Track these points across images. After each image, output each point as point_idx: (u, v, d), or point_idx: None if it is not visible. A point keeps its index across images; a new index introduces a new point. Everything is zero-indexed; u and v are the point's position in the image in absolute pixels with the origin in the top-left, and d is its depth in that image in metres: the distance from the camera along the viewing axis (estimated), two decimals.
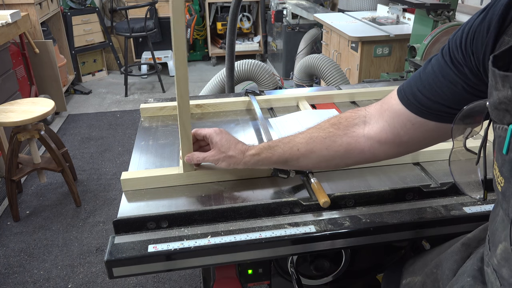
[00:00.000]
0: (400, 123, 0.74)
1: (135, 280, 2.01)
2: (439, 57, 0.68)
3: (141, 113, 1.36)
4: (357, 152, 0.81)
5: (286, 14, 4.27)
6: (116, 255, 0.79)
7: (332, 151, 0.82)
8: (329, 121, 0.85)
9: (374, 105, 0.82)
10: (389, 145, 0.78)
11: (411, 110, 0.71)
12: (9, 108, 2.36)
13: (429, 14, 2.42)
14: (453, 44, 0.64)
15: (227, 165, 0.91)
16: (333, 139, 0.82)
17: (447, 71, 0.66)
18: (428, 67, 0.69)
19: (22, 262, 2.13)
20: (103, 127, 3.63)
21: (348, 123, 0.82)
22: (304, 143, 0.85)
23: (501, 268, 0.56)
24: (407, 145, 0.77)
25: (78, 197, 2.55)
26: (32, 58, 3.50)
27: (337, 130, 0.83)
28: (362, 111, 0.83)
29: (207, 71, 5.13)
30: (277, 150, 0.87)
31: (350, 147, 0.81)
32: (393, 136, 0.76)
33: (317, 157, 0.84)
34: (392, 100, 0.76)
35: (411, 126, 0.73)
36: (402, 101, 0.73)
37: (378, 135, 0.78)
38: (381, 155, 0.80)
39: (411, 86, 0.71)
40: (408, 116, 0.72)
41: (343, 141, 0.81)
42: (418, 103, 0.70)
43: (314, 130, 0.86)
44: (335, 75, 2.33)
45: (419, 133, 0.73)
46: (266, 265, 1.04)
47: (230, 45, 1.70)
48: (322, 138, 0.83)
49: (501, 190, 0.53)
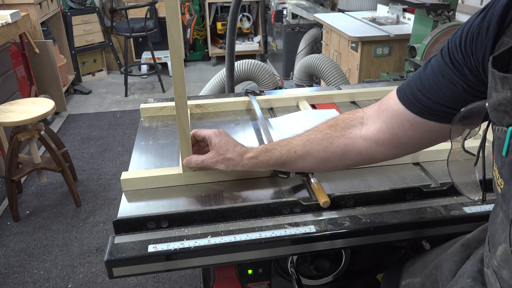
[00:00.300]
0: (398, 123, 0.74)
1: (135, 280, 2.01)
2: (438, 58, 0.68)
3: (141, 113, 1.36)
4: (354, 153, 0.81)
5: (286, 14, 4.27)
6: (116, 255, 0.79)
7: (329, 152, 0.83)
8: (326, 123, 0.86)
9: (372, 106, 0.82)
10: (386, 146, 0.78)
11: (411, 110, 0.71)
12: (9, 108, 2.36)
13: (429, 14, 2.42)
14: (453, 44, 0.64)
15: (225, 167, 0.91)
16: (330, 140, 0.82)
17: (447, 71, 0.65)
18: (428, 68, 0.69)
19: (22, 262, 2.13)
20: (103, 127, 3.63)
21: (345, 125, 0.83)
22: (301, 145, 0.85)
23: (501, 269, 0.55)
24: (404, 146, 0.77)
25: (78, 197, 2.55)
26: (32, 58, 3.50)
27: (334, 131, 0.83)
28: (360, 113, 0.83)
29: (207, 71, 5.13)
30: (275, 153, 0.87)
31: (347, 148, 0.81)
32: (391, 136, 0.76)
33: (314, 159, 0.84)
34: (391, 100, 0.76)
35: (409, 126, 0.72)
36: (402, 101, 0.72)
37: (376, 136, 0.78)
38: (378, 156, 0.80)
39: (411, 86, 0.71)
40: (407, 116, 0.72)
41: (340, 142, 0.82)
42: (418, 103, 0.69)
43: (311, 132, 0.86)
44: (335, 75, 2.33)
45: (418, 133, 0.72)
46: (266, 265, 1.04)
47: (230, 45, 1.70)
48: (319, 140, 0.83)
49: (501, 192, 0.52)
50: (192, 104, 1.37)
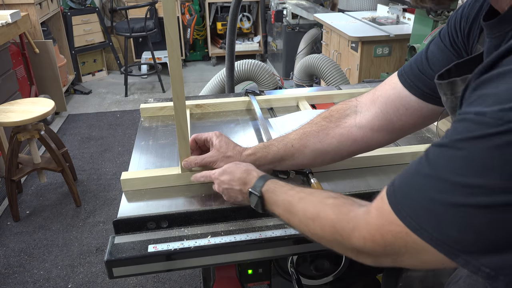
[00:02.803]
0: (393, 108, 0.75)
1: (135, 280, 2.01)
2: (437, 41, 0.70)
3: (141, 113, 1.36)
4: (350, 142, 0.82)
5: (286, 14, 4.27)
6: (116, 255, 0.79)
7: (325, 144, 0.84)
8: (321, 115, 0.87)
9: (366, 94, 0.84)
10: (381, 132, 0.79)
11: (412, 92, 0.72)
12: (9, 108, 2.36)
13: (429, 14, 2.42)
14: (452, 28, 0.66)
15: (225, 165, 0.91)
16: (326, 132, 0.84)
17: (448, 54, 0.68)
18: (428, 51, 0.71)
19: (22, 262, 2.13)
20: (103, 127, 3.63)
21: (340, 115, 0.84)
22: (298, 139, 0.86)
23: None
24: (399, 131, 0.79)
25: (78, 197, 2.55)
26: (32, 58, 3.50)
27: (329, 123, 0.84)
28: (353, 102, 0.85)
29: (207, 71, 5.13)
30: (272, 149, 0.89)
31: (343, 138, 0.82)
32: (385, 122, 0.77)
33: (311, 152, 0.85)
34: (387, 86, 0.78)
35: (404, 111, 0.74)
36: (404, 84, 0.74)
37: (371, 123, 0.79)
38: (373, 143, 0.82)
39: (412, 69, 0.73)
40: (403, 101, 0.74)
41: (335, 132, 0.83)
42: (423, 85, 0.71)
43: (307, 126, 0.88)
44: (335, 75, 2.33)
45: (413, 118, 0.74)
46: (266, 265, 1.04)
47: (230, 45, 1.70)
48: (315, 132, 0.85)
49: None
50: (192, 104, 1.37)
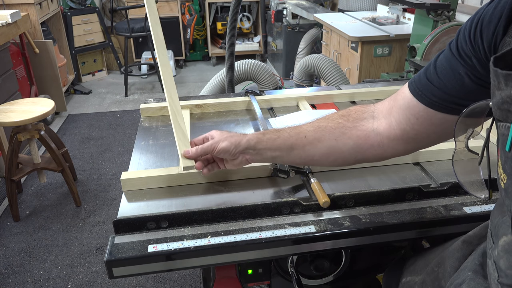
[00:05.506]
0: (404, 118, 0.75)
1: (135, 280, 2.01)
2: (446, 51, 0.69)
3: (141, 113, 1.36)
4: (366, 146, 0.81)
5: (286, 14, 4.27)
6: (116, 255, 0.79)
7: (341, 143, 0.81)
8: (338, 113, 0.85)
9: (382, 102, 0.83)
10: (397, 141, 0.78)
11: (421, 101, 0.72)
12: (9, 108, 2.36)
13: (429, 14, 2.42)
14: (462, 36, 0.65)
15: (228, 144, 0.85)
16: (342, 130, 0.82)
17: (455, 63, 0.67)
18: (437, 61, 0.71)
19: (22, 262, 2.13)
20: (103, 127, 3.63)
21: (358, 116, 0.82)
22: (312, 131, 0.83)
23: (499, 259, 0.57)
24: (413, 141, 0.77)
25: (78, 197, 2.55)
26: (32, 58, 3.50)
27: (346, 121, 0.82)
28: (371, 107, 0.84)
29: (207, 71, 5.13)
30: (283, 134, 0.85)
31: (360, 141, 0.81)
32: (400, 132, 0.77)
33: (325, 148, 0.82)
34: (398, 96, 0.77)
35: (415, 121, 0.73)
36: (413, 93, 0.73)
37: (387, 131, 0.79)
38: (389, 151, 0.81)
39: (421, 78, 0.73)
40: (413, 110, 0.73)
41: (352, 133, 0.81)
42: (430, 94, 0.70)
43: (322, 120, 0.85)
44: (335, 75, 2.33)
45: (424, 127, 0.74)
46: (266, 265, 1.04)
47: (230, 45, 1.70)
48: (332, 128, 0.82)
49: (504, 186, 0.54)
50: (192, 104, 1.37)
